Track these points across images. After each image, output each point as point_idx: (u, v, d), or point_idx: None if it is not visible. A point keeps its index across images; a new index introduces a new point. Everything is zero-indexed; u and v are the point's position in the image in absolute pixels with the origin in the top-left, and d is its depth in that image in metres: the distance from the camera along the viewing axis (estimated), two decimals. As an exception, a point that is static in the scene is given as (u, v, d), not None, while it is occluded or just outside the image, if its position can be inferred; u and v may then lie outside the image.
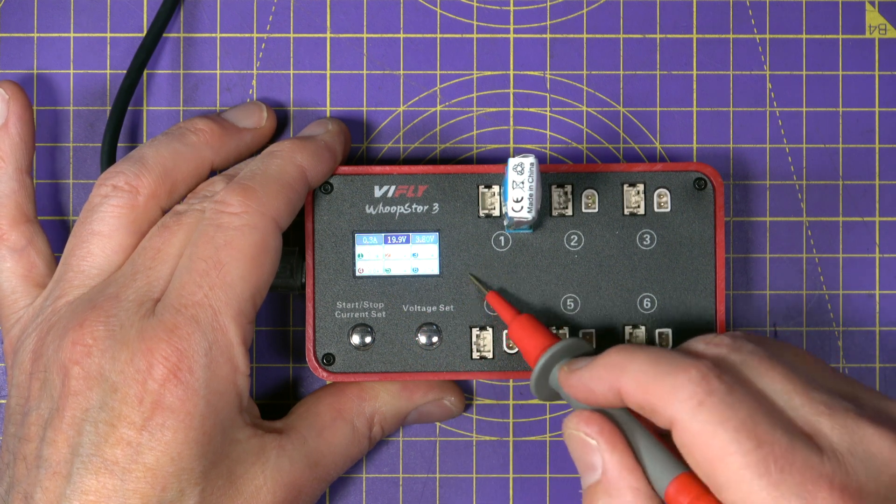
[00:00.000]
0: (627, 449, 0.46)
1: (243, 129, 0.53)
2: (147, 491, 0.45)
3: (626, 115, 0.55)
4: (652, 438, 0.46)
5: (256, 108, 0.53)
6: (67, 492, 0.45)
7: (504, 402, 0.55)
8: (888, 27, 0.55)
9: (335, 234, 0.52)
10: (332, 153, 0.52)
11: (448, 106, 0.55)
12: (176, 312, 0.46)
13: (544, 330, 0.49)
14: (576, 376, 0.47)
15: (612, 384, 0.45)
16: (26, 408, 0.47)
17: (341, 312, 0.52)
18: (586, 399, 0.46)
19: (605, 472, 0.46)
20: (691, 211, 0.52)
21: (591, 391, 0.46)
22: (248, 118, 0.53)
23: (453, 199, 0.52)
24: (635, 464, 0.46)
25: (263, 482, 0.48)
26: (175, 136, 0.51)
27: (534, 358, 0.49)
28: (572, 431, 0.47)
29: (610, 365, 0.46)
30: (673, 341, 0.52)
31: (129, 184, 0.49)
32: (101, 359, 0.46)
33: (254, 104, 0.54)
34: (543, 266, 0.52)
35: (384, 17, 0.55)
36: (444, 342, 0.52)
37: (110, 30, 0.55)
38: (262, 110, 0.53)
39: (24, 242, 0.51)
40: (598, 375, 0.46)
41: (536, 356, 0.48)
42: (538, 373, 0.48)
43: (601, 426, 0.46)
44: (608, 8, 0.55)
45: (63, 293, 0.49)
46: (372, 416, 0.52)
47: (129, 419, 0.45)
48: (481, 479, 0.55)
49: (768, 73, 0.55)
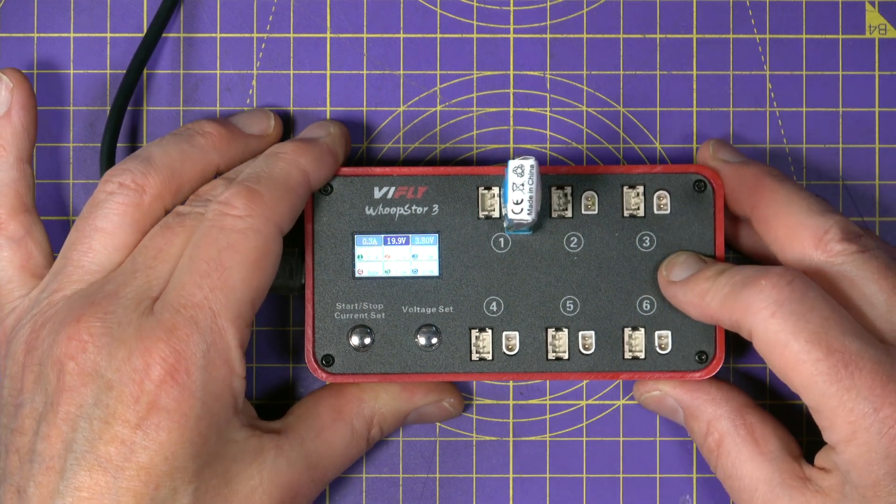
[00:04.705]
0: (687, 380, 0.52)
1: (250, 136, 0.52)
2: (140, 489, 0.45)
3: (626, 115, 0.55)
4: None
5: (264, 116, 0.53)
6: (60, 487, 0.46)
7: (504, 403, 0.55)
8: (888, 27, 0.55)
9: (335, 235, 0.52)
10: (334, 157, 0.52)
11: (448, 106, 0.55)
12: (175, 312, 0.46)
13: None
14: (670, 290, 0.51)
15: (702, 312, 0.49)
16: (19, 400, 0.47)
17: (341, 313, 0.52)
18: (685, 311, 0.51)
19: (682, 405, 0.52)
20: (691, 213, 0.52)
21: (686, 310, 0.50)
22: (255, 125, 0.53)
23: (453, 201, 0.52)
24: (699, 384, 0.51)
25: (259, 482, 0.48)
26: (183, 138, 0.51)
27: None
28: (640, 399, 0.53)
29: (700, 292, 0.49)
30: (672, 343, 0.52)
31: (136, 182, 0.49)
32: (97, 355, 0.46)
33: (261, 111, 0.54)
34: (543, 268, 0.52)
35: (384, 17, 0.55)
36: (444, 343, 0.52)
37: (110, 29, 0.55)
38: (269, 118, 0.53)
39: (23, 232, 0.51)
40: (687, 301, 0.50)
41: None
42: None
43: (656, 381, 0.52)
44: (608, 8, 0.55)
45: (61, 287, 0.49)
46: (371, 417, 0.52)
47: (124, 417, 0.45)
48: (481, 479, 0.55)
49: (768, 73, 0.55)
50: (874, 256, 0.49)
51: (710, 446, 0.51)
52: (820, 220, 0.49)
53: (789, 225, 0.50)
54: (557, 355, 0.52)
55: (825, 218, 0.49)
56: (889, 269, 0.48)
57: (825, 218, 0.49)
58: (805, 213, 0.49)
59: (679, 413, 0.52)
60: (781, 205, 0.50)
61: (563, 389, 0.55)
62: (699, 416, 0.51)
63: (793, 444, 0.50)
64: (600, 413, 0.55)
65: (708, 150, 0.53)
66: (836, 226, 0.49)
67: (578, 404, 0.55)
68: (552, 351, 0.52)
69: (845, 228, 0.49)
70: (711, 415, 0.51)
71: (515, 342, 0.52)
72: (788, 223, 0.50)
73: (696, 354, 0.52)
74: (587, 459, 0.55)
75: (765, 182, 0.51)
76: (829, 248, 0.49)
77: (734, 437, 0.50)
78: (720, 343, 0.52)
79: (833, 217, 0.49)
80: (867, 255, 0.48)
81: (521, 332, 0.52)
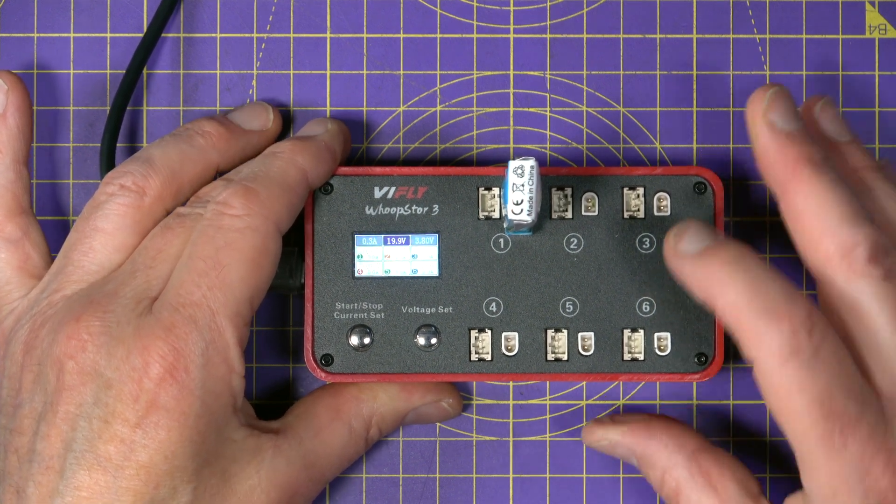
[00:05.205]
0: (636, 424, 0.51)
1: (249, 132, 0.52)
2: (140, 488, 0.46)
3: (626, 115, 0.55)
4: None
5: (263, 110, 0.53)
6: (60, 487, 0.46)
7: (504, 403, 0.55)
8: (888, 27, 0.55)
9: (335, 234, 0.52)
10: (333, 154, 0.52)
11: (448, 106, 0.55)
12: (174, 311, 0.46)
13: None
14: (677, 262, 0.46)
15: (707, 297, 0.45)
16: (18, 400, 0.47)
17: (340, 313, 0.52)
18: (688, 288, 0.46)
19: (635, 455, 0.51)
20: (691, 214, 0.52)
21: (689, 287, 0.46)
22: (254, 120, 0.53)
23: (453, 201, 0.52)
24: (649, 430, 0.51)
25: (258, 482, 0.48)
26: (182, 138, 0.51)
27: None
28: (590, 446, 0.53)
29: (711, 278, 0.45)
30: (671, 345, 0.52)
31: (137, 184, 0.49)
32: (97, 354, 0.46)
33: (260, 105, 0.54)
34: (543, 268, 0.52)
35: (384, 17, 0.55)
36: (443, 344, 0.52)
37: (110, 29, 0.55)
38: (268, 112, 0.53)
39: (20, 234, 0.51)
40: (694, 280, 0.46)
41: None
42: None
43: (602, 427, 0.52)
44: (608, 8, 0.55)
45: (60, 287, 0.49)
46: (370, 417, 0.52)
47: (124, 416, 0.46)
48: (481, 479, 0.55)
49: (768, 73, 0.55)
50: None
51: (668, 494, 0.50)
52: (849, 232, 0.45)
53: (817, 229, 0.45)
54: (557, 356, 0.52)
55: (855, 230, 0.45)
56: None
57: (855, 230, 0.45)
58: (836, 219, 0.45)
59: (633, 459, 0.52)
60: (812, 203, 0.45)
61: (563, 389, 0.55)
62: (654, 464, 0.51)
63: (750, 482, 0.50)
64: (600, 413, 0.55)
65: (762, 102, 0.47)
66: (865, 241, 0.44)
67: (578, 404, 0.55)
68: (551, 352, 0.52)
69: (874, 246, 0.45)
70: (666, 463, 0.50)
71: (515, 343, 0.52)
72: (816, 227, 0.45)
73: (696, 356, 0.52)
74: (587, 459, 0.55)
75: (802, 171, 0.46)
76: (854, 266, 0.45)
77: (692, 485, 0.50)
78: (720, 345, 0.52)
79: (864, 230, 0.45)
80: (891, 286, 0.45)
81: (520, 333, 0.52)
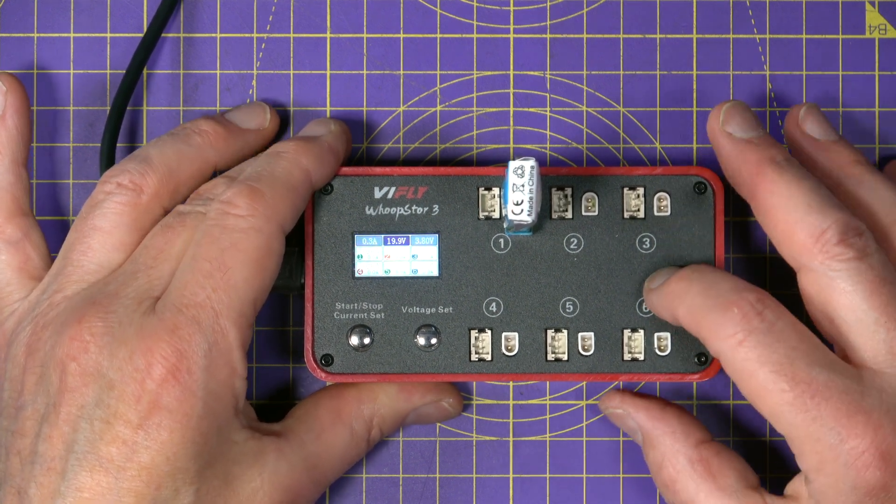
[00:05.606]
0: (653, 404, 0.52)
1: (247, 131, 0.53)
2: (142, 489, 0.45)
3: (626, 115, 0.55)
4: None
5: (260, 109, 0.53)
6: (62, 488, 0.46)
7: (504, 403, 0.55)
8: (888, 27, 0.55)
9: (335, 234, 0.52)
10: (336, 155, 0.52)
11: (448, 106, 0.55)
12: (177, 312, 0.46)
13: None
14: (649, 298, 0.51)
15: (672, 313, 0.49)
16: (20, 402, 0.47)
17: (340, 313, 0.52)
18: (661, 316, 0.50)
19: (642, 431, 0.52)
20: (691, 215, 0.52)
21: (660, 314, 0.50)
22: (251, 119, 0.53)
23: (453, 201, 0.52)
24: (663, 413, 0.52)
25: (261, 485, 0.48)
26: (179, 137, 0.51)
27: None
28: (604, 411, 0.54)
29: (670, 294, 0.49)
30: (672, 345, 0.52)
31: (134, 182, 0.49)
32: (99, 355, 0.46)
33: (257, 105, 0.54)
34: (543, 268, 0.52)
35: (384, 17, 0.55)
36: (443, 344, 0.52)
37: (110, 29, 0.55)
38: (265, 111, 0.53)
39: (20, 235, 0.51)
40: (660, 304, 0.50)
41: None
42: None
43: (622, 396, 0.53)
44: (608, 8, 0.55)
45: (61, 287, 0.49)
46: (371, 418, 0.52)
47: (126, 417, 0.46)
48: (481, 479, 0.55)
49: (768, 73, 0.55)
50: (870, 266, 0.47)
51: (663, 480, 0.51)
52: (818, 219, 0.47)
53: (787, 221, 0.47)
54: (557, 356, 0.52)
55: (824, 216, 0.47)
56: (884, 282, 0.47)
57: (824, 216, 0.47)
58: (804, 209, 0.47)
59: (638, 435, 0.52)
60: (780, 198, 0.48)
61: (563, 389, 0.55)
62: (657, 446, 0.51)
63: (749, 473, 0.50)
64: (600, 413, 0.55)
65: (718, 117, 0.51)
66: (834, 225, 0.47)
67: (578, 404, 0.55)
68: (551, 352, 0.52)
69: (844, 229, 0.47)
70: (669, 449, 0.51)
71: (515, 343, 0.52)
72: (786, 219, 0.47)
73: (696, 356, 0.52)
74: (587, 459, 0.55)
75: (766, 171, 0.48)
76: (826, 250, 0.47)
77: (691, 474, 0.50)
78: (720, 345, 0.52)
79: (833, 215, 0.47)
80: (864, 265, 0.46)
81: (520, 333, 0.52)
